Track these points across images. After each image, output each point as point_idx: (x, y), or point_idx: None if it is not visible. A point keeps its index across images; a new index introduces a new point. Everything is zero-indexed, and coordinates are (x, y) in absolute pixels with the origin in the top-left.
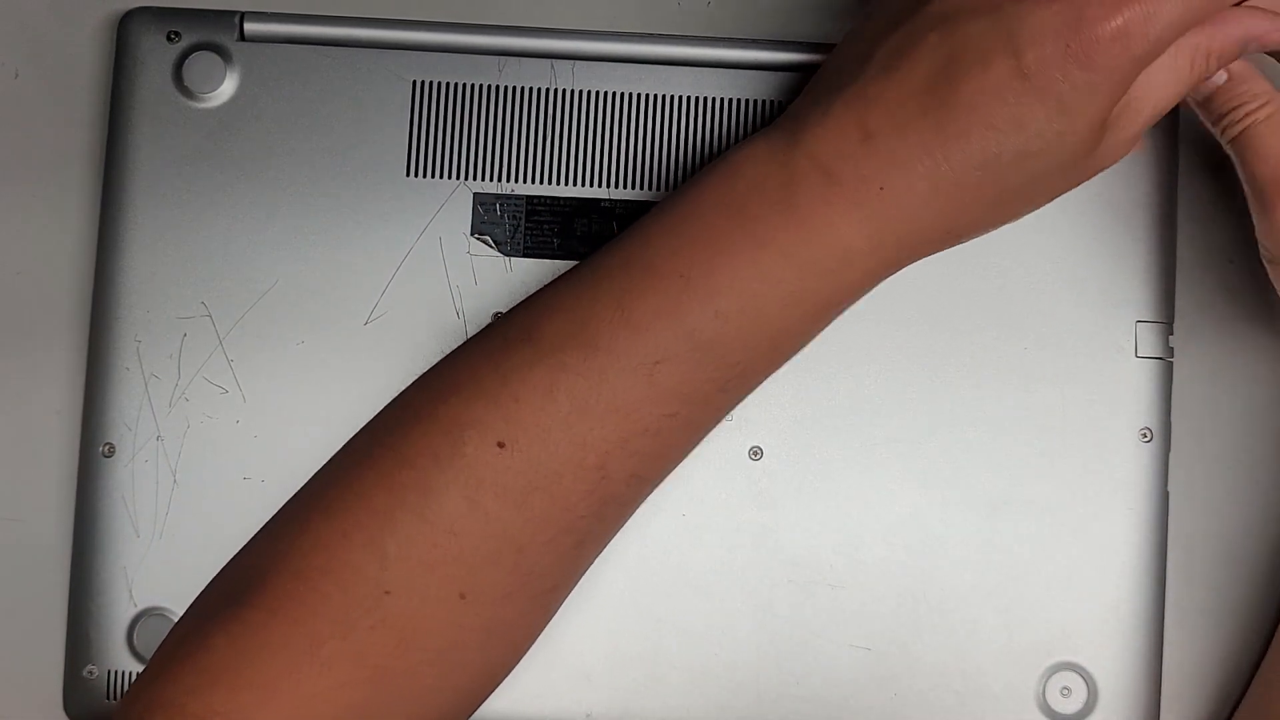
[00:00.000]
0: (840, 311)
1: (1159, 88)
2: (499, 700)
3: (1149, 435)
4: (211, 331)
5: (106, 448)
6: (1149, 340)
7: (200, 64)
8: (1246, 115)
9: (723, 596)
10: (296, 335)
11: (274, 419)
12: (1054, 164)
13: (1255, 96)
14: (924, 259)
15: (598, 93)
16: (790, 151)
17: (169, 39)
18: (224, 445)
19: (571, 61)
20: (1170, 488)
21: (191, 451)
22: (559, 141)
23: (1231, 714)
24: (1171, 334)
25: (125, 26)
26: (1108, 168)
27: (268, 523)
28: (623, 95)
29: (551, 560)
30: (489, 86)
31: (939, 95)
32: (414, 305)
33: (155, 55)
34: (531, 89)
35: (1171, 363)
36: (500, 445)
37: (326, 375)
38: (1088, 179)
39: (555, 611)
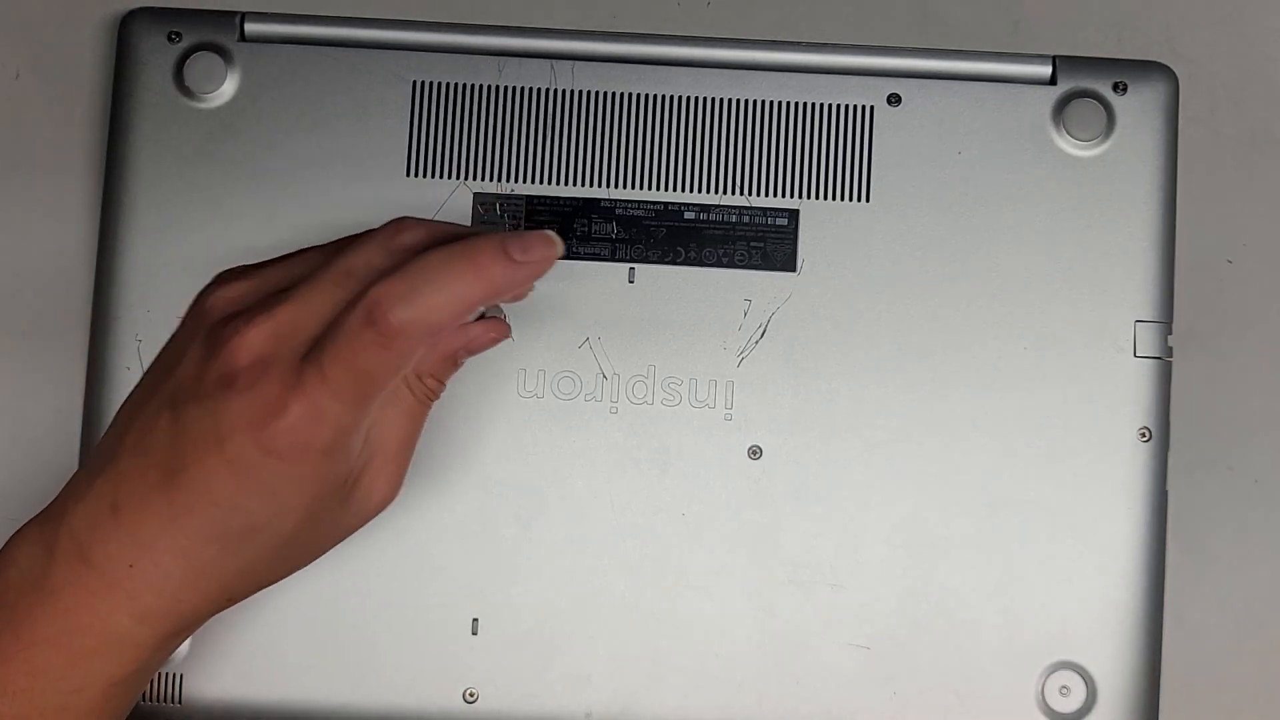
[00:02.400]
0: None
1: (394, 427)
2: (499, 700)
3: (1148, 435)
4: None
5: None
6: (1148, 340)
7: (201, 64)
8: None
9: (723, 596)
10: None
11: None
12: (289, 535)
13: None
14: (920, 260)
15: (597, 93)
16: (55, 532)
17: (169, 39)
18: None
19: (571, 61)
20: (1169, 487)
21: None
22: (559, 142)
23: None
24: (1170, 333)
25: (126, 27)
26: (386, 506)
27: None
28: (622, 95)
29: None
30: (489, 87)
31: (172, 473)
32: None
33: (156, 55)
34: (531, 89)
35: (1170, 362)
36: None
37: None
38: (363, 524)
39: None
